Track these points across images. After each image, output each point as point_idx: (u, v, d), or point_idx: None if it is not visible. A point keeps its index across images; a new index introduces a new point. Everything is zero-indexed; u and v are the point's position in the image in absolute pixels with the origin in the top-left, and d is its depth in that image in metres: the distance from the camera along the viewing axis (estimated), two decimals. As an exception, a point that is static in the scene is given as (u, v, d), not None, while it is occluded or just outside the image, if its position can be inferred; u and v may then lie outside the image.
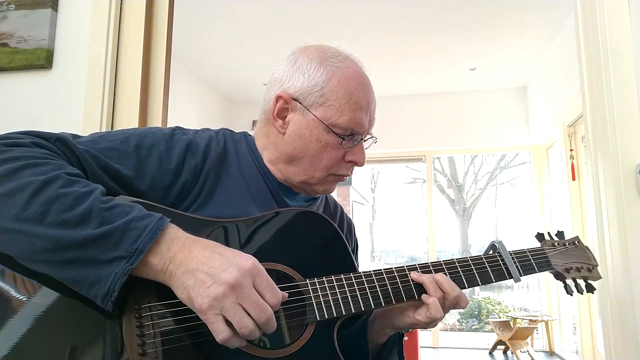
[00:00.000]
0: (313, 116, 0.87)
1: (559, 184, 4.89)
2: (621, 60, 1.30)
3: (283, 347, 0.73)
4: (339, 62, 0.90)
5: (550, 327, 4.92)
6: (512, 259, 0.90)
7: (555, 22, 3.75)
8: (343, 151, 0.89)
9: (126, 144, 0.81)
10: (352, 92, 0.88)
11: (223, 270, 0.62)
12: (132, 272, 0.63)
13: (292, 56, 0.93)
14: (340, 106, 0.86)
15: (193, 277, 0.63)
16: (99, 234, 0.62)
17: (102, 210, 0.65)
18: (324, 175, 0.90)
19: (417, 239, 9.70)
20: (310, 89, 0.87)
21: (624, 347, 1.25)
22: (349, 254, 0.85)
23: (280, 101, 0.89)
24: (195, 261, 0.64)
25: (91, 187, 0.67)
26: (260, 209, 0.87)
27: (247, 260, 0.65)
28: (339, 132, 0.87)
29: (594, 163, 1.38)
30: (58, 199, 0.64)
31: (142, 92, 1.45)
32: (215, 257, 0.64)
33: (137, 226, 0.64)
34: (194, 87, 4.86)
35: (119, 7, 1.49)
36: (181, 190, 0.82)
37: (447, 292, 0.82)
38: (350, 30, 3.87)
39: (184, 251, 0.65)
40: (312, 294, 0.77)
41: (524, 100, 5.16)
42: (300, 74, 0.89)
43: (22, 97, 1.48)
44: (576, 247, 0.98)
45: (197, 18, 3.63)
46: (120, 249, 0.63)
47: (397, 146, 5.43)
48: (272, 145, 0.93)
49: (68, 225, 0.62)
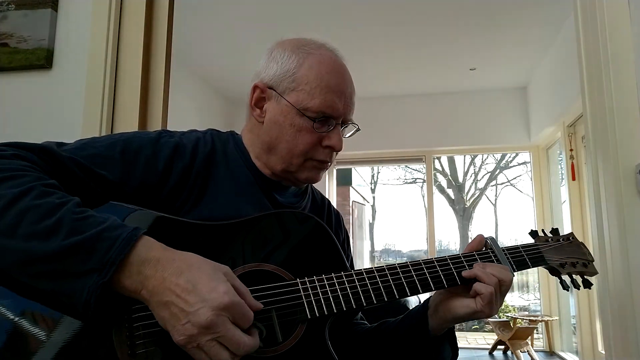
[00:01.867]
0: (286, 102, 0.88)
1: (559, 184, 4.89)
2: (621, 60, 1.30)
3: (275, 346, 0.73)
4: (312, 49, 0.92)
5: (550, 327, 4.92)
6: (504, 254, 0.90)
7: (555, 22, 3.75)
8: (318, 136, 0.89)
9: (112, 149, 0.81)
10: (322, 76, 0.88)
11: (196, 310, 0.60)
12: (107, 286, 0.61)
13: (268, 49, 0.95)
14: (312, 90, 0.87)
15: (167, 310, 0.61)
16: (68, 245, 0.61)
17: (74, 220, 0.63)
18: (301, 160, 0.90)
19: (417, 238, 9.70)
20: (283, 75, 0.89)
21: (624, 347, 1.25)
22: (339, 253, 0.85)
23: (256, 91, 0.92)
24: (169, 293, 0.61)
25: (66, 199, 0.66)
26: (251, 207, 0.87)
27: (224, 297, 0.61)
28: (311, 115, 0.87)
29: (594, 163, 1.38)
30: (31, 210, 0.62)
31: (142, 92, 1.45)
32: (189, 291, 0.61)
33: (109, 236, 0.62)
34: (194, 87, 4.85)
35: (119, 7, 1.49)
36: (170, 193, 0.82)
37: (502, 279, 0.82)
38: (350, 30, 3.87)
39: (157, 277, 0.62)
40: (302, 292, 0.77)
41: (524, 100, 5.16)
42: (274, 63, 0.91)
43: (22, 97, 1.48)
44: (571, 242, 0.99)
45: (197, 18, 3.63)
46: (92, 261, 0.61)
47: (397, 146, 5.43)
48: (255, 137, 0.94)
49: (39, 237, 0.61)
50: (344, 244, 1.07)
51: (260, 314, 0.71)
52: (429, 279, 0.84)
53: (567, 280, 0.96)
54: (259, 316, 0.69)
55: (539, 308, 5.41)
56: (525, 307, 7.73)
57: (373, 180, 10.89)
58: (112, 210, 0.74)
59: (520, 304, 8.00)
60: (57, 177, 0.74)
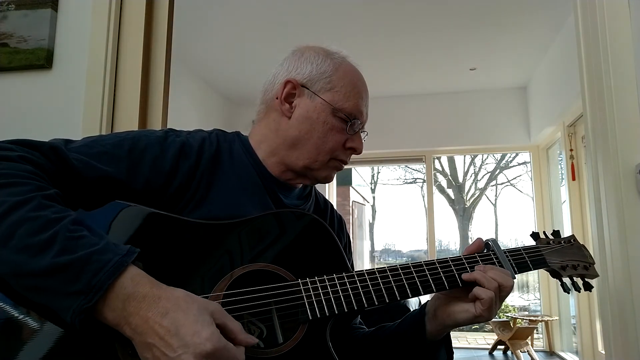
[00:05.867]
0: (321, 100, 0.92)
1: (558, 184, 4.89)
2: (621, 60, 1.30)
3: (276, 347, 0.73)
4: (342, 58, 0.98)
5: (550, 327, 4.92)
6: (506, 256, 0.90)
7: (556, 22, 3.75)
8: (345, 137, 0.94)
9: (119, 148, 0.81)
10: (355, 83, 0.95)
11: (178, 355, 0.58)
12: (91, 311, 0.60)
13: (296, 51, 0.99)
14: (347, 93, 0.93)
15: (150, 352, 0.60)
16: (57, 264, 0.60)
17: (67, 238, 0.62)
18: (327, 159, 0.93)
19: (417, 239, 9.70)
20: (319, 76, 0.94)
21: (624, 347, 1.25)
22: (341, 254, 0.85)
23: (289, 85, 0.94)
24: (152, 334, 0.59)
25: (63, 214, 0.65)
26: (255, 207, 0.87)
27: (206, 343, 0.59)
28: (343, 116, 0.92)
29: (594, 163, 1.38)
30: (26, 222, 0.62)
31: (142, 92, 1.45)
32: (172, 334, 0.59)
33: (99, 259, 0.61)
34: (194, 87, 4.85)
35: (119, 7, 1.49)
36: (176, 192, 0.82)
37: (502, 284, 0.81)
38: (350, 30, 3.87)
39: (141, 315, 0.60)
40: (304, 293, 0.77)
41: (524, 100, 5.16)
42: (308, 63, 0.95)
43: (22, 97, 1.47)
44: (572, 245, 0.98)
45: (197, 18, 3.63)
46: (79, 283, 0.60)
47: (397, 146, 5.43)
48: (272, 133, 0.95)
49: (30, 251, 0.60)
50: (345, 248, 1.07)
51: (262, 314, 0.71)
52: (430, 280, 0.84)
53: (568, 282, 0.95)
54: (260, 317, 0.69)
55: (539, 308, 5.41)
56: (525, 307, 7.72)
57: (373, 180, 10.90)
58: (116, 209, 0.75)
59: (520, 304, 8.00)
60: (61, 177, 0.73)
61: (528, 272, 0.92)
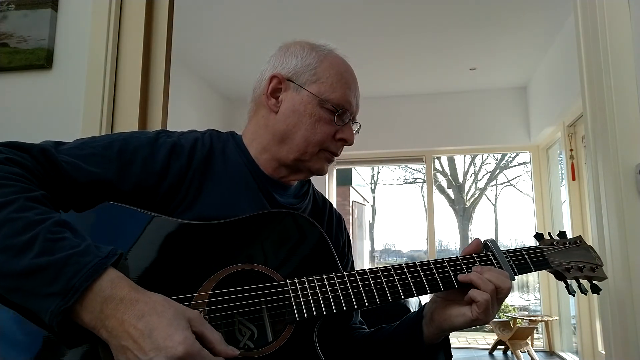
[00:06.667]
0: (307, 92, 0.92)
1: (558, 184, 4.89)
2: (621, 60, 1.30)
3: (265, 346, 0.73)
4: (328, 50, 0.97)
5: (550, 327, 4.92)
6: (505, 257, 0.87)
7: (556, 22, 3.75)
8: (334, 128, 0.93)
9: (109, 149, 0.81)
10: (342, 73, 0.94)
11: (150, 358, 0.58)
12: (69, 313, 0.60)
13: (282, 47, 0.99)
14: (333, 84, 0.92)
15: (124, 355, 0.59)
16: (36, 265, 0.60)
17: (48, 240, 0.62)
18: (316, 150, 0.92)
19: (417, 239, 9.70)
20: (304, 68, 0.93)
21: (624, 347, 1.25)
22: (331, 254, 0.84)
23: (274, 80, 0.94)
24: (127, 337, 0.59)
25: (45, 216, 0.64)
26: (248, 207, 0.87)
27: (178, 347, 0.58)
28: (330, 107, 0.91)
29: (594, 163, 1.38)
30: (7, 223, 0.62)
31: (142, 92, 1.45)
32: (146, 336, 0.58)
33: (78, 261, 0.61)
34: (194, 87, 4.85)
35: (119, 7, 1.49)
36: (167, 192, 0.82)
37: (499, 286, 0.79)
38: (350, 30, 3.87)
39: (117, 317, 0.60)
40: (292, 293, 0.76)
41: (523, 100, 5.16)
42: (293, 57, 0.95)
43: (22, 97, 1.48)
44: (578, 246, 0.95)
45: (197, 18, 3.63)
46: (57, 284, 0.60)
47: (397, 146, 5.42)
48: (262, 130, 0.95)
49: (10, 252, 0.60)
50: (344, 247, 1.06)
51: (252, 313, 0.71)
52: (424, 281, 0.82)
53: (574, 285, 0.92)
54: (250, 316, 0.68)
55: (539, 308, 5.41)
56: (525, 307, 7.73)
57: (373, 180, 10.90)
58: (107, 211, 0.75)
59: (520, 304, 8.00)
60: (50, 179, 0.73)
61: (530, 273, 0.89)
